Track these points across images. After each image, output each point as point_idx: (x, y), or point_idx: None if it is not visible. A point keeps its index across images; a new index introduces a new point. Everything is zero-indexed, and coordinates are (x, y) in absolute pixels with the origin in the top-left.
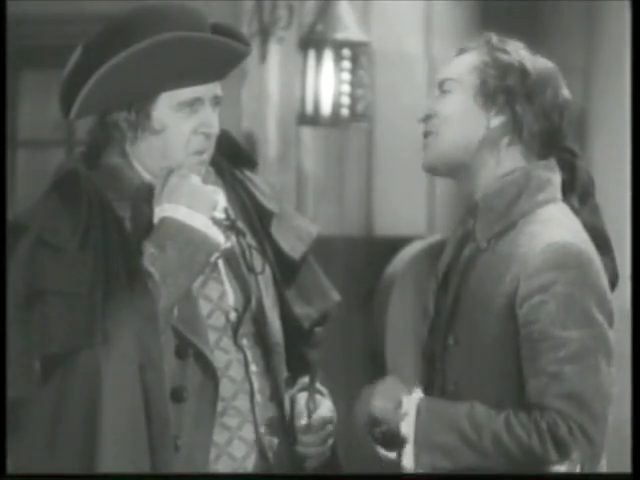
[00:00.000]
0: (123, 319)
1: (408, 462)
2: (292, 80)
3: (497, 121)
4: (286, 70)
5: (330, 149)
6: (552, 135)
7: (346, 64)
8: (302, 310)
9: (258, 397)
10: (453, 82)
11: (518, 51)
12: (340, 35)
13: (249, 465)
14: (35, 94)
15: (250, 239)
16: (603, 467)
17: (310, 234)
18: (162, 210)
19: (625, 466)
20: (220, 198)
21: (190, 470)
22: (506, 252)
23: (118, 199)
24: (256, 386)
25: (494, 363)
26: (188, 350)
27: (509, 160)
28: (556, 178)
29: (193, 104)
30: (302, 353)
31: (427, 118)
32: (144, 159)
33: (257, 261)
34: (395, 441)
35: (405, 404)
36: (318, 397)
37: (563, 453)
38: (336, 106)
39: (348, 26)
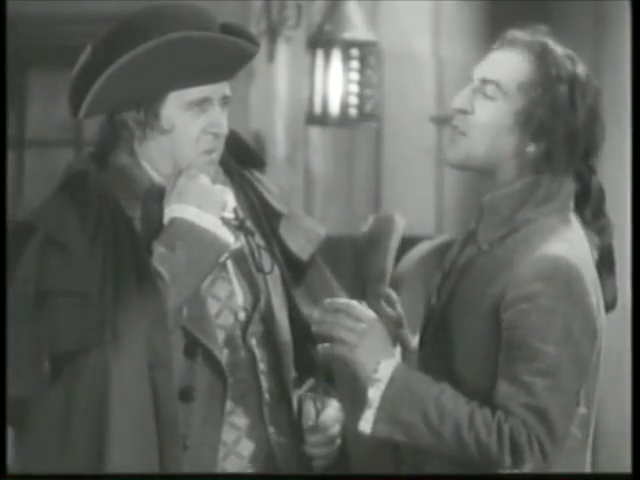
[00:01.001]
0: (132, 319)
1: (365, 426)
2: (300, 80)
3: (532, 148)
4: (294, 70)
5: (338, 149)
6: (581, 159)
7: (354, 64)
8: (310, 310)
9: (267, 396)
10: (498, 90)
11: (569, 71)
12: (348, 35)
13: (257, 464)
14: (43, 94)
15: (259, 239)
16: None
17: (318, 235)
18: (171, 210)
19: (625, 466)
20: (229, 198)
21: (198, 469)
22: (503, 256)
23: (127, 199)
24: (265, 385)
25: (473, 363)
26: (197, 349)
27: (529, 174)
28: (566, 190)
29: (202, 104)
30: (309, 353)
31: (461, 111)
32: (153, 159)
33: (266, 261)
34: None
35: (381, 370)
36: (325, 397)
37: (517, 461)
38: (344, 106)
39: (356, 26)
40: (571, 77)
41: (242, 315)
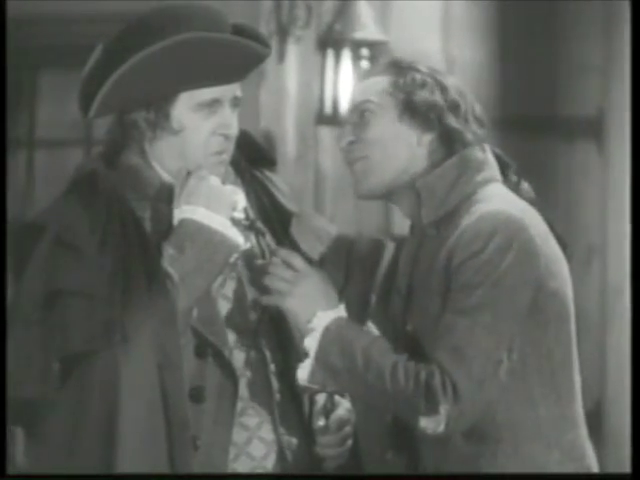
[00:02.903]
0: (142, 320)
1: (302, 375)
2: (310, 80)
3: (429, 137)
4: (304, 70)
5: None
6: (480, 142)
7: (364, 63)
8: None
9: (277, 397)
10: (372, 104)
11: (427, 65)
12: (358, 35)
13: (268, 465)
14: (53, 94)
15: (269, 239)
16: (467, 425)
17: (329, 234)
18: (181, 212)
19: (625, 466)
20: (239, 198)
21: (209, 470)
22: (449, 233)
23: (137, 199)
24: (275, 386)
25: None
26: (207, 350)
27: (440, 162)
28: (491, 159)
29: (212, 105)
30: None
31: (351, 144)
32: (163, 159)
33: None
34: None
35: (315, 320)
36: (337, 398)
37: (431, 405)
38: None
39: (366, 26)
40: (435, 75)
41: (252, 315)
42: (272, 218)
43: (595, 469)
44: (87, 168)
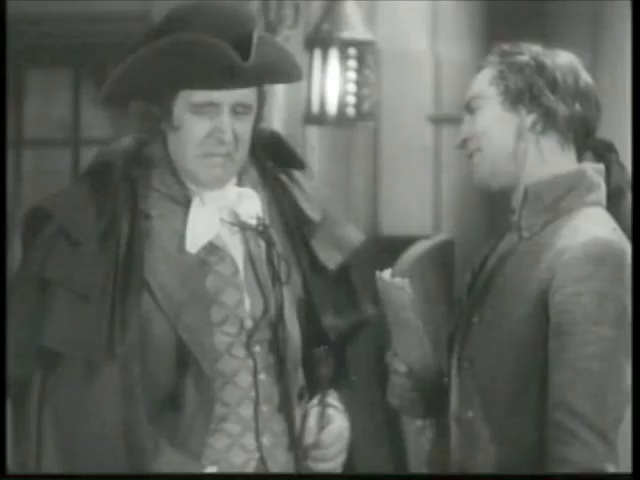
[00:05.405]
0: (126, 331)
1: None
2: None
3: (530, 119)
4: None
5: (336, 148)
6: (583, 121)
7: (352, 63)
8: (330, 321)
9: (263, 406)
10: (478, 99)
11: (531, 49)
12: (346, 34)
13: (247, 473)
14: (40, 93)
15: (280, 247)
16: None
17: (351, 244)
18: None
19: (625, 466)
20: (254, 203)
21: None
22: (546, 241)
23: (149, 196)
24: (262, 395)
25: (514, 345)
26: (189, 360)
27: (549, 153)
28: (602, 182)
29: (206, 107)
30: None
31: (465, 142)
32: (174, 155)
33: (284, 271)
34: None
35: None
36: (331, 412)
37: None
38: (342, 105)
39: (354, 25)
40: (535, 56)
41: (249, 323)
42: (291, 225)
43: None
44: (102, 158)
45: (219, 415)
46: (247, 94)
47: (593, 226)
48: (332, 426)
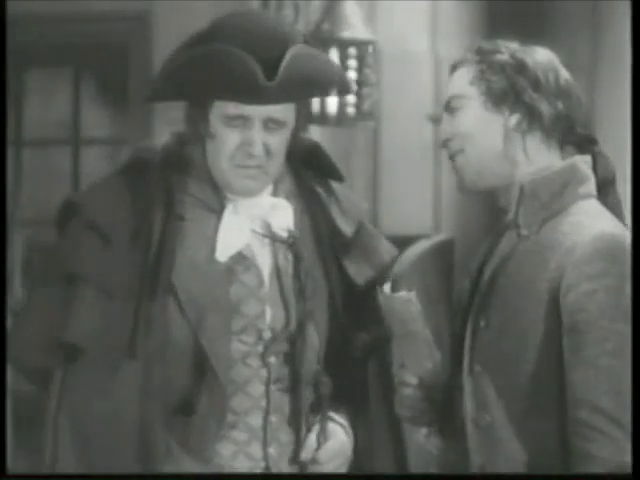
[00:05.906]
0: (149, 333)
1: None
2: None
3: (514, 119)
4: None
5: (336, 148)
6: (567, 119)
7: (352, 63)
8: (355, 336)
9: (273, 416)
10: (458, 99)
11: (508, 47)
12: (346, 34)
13: None
14: (40, 93)
15: (309, 261)
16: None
17: (382, 259)
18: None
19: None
20: (287, 214)
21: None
22: (550, 239)
23: (185, 201)
24: (273, 405)
25: (527, 346)
26: (206, 367)
27: (535, 151)
28: (591, 173)
29: (237, 120)
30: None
31: (447, 142)
32: (210, 161)
33: (310, 286)
34: None
35: None
36: (332, 429)
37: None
38: (342, 105)
39: (354, 25)
40: (514, 53)
41: (267, 334)
42: (323, 237)
43: None
44: (139, 155)
45: (228, 422)
46: (279, 110)
47: (596, 221)
48: (331, 442)
